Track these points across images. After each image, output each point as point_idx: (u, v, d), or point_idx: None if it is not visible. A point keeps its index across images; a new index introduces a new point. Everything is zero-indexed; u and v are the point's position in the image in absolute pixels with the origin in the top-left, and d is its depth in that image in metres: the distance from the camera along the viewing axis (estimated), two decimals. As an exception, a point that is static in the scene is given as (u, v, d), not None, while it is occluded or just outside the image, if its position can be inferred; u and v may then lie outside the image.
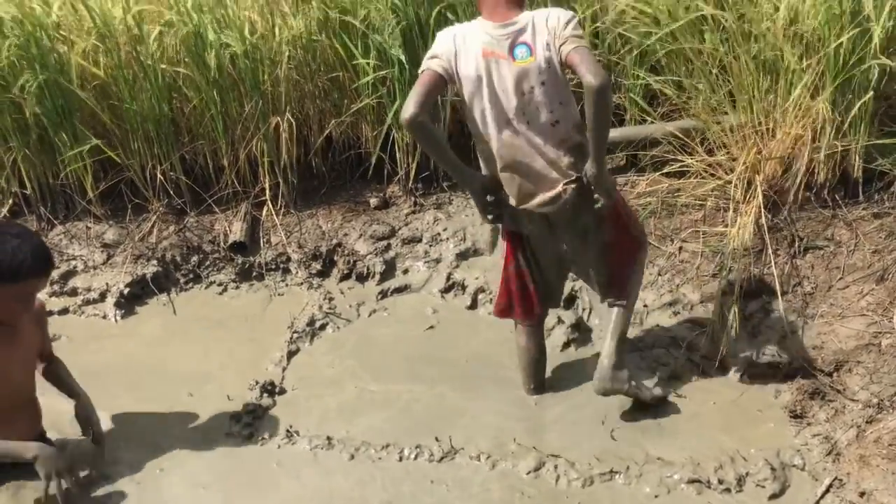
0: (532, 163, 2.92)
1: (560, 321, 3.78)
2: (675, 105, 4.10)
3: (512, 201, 3.01)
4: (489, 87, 2.83)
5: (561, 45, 2.73)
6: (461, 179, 3.08)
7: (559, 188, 2.93)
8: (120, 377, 3.66)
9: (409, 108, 2.73)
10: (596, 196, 2.95)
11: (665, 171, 4.04)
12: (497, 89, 2.83)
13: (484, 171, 3.07)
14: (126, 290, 4.24)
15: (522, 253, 3.21)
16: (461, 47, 2.83)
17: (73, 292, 4.30)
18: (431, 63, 2.84)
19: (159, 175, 4.49)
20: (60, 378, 3.20)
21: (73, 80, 4.26)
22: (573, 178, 2.92)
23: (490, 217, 3.10)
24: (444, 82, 2.86)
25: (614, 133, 4.16)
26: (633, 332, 3.53)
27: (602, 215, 3.04)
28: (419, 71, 2.88)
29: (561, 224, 3.07)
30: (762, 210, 3.65)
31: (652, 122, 4.18)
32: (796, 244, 3.79)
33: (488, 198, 3.03)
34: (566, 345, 3.73)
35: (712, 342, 3.50)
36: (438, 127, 4.25)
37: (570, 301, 3.89)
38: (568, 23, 2.75)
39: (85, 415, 3.13)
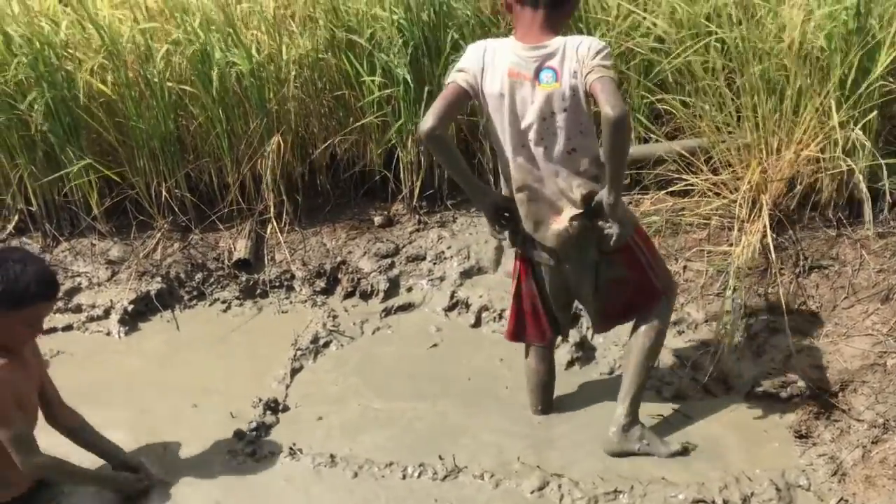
0: (542, 189, 2.89)
1: (564, 340, 3.76)
2: (680, 123, 4.11)
3: (524, 225, 2.98)
4: (510, 107, 2.80)
5: (587, 74, 2.65)
6: (473, 195, 3.05)
7: (565, 222, 2.88)
8: (123, 394, 3.66)
9: (429, 120, 2.71)
10: (608, 224, 2.87)
11: (670, 189, 4.03)
12: (518, 111, 2.80)
13: (504, 189, 3.03)
14: (130, 307, 4.24)
15: (533, 274, 3.17)
16: (489, 64, 2.79)
17: (78, 309, 4.30)
18: (458, 76, 2.81)
19: (164, 192, 4.50)
20: (89, 441, 3.14)
21: (80, 98, 4.28)
22: (581, 211, 2.87)
23: (503, 234, 3.08)
24: (468, 97, 2.83)
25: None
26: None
27: (612, 250, 2.96)
28: (446, 82, 2.86)
29: (569, 257, 3.02)
30: (767, 229, 3.65)
31: (657, 141, 4.18)
32: (801, 263, 3.78)
33: (505, 214, 3.01)
34: (570, 363, 3.72)
35: (717, 361, 3.48)
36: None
37: (574, 320, 3.87)
38: (598, 52, 2.66)
39: (131, 466, 3.13)
